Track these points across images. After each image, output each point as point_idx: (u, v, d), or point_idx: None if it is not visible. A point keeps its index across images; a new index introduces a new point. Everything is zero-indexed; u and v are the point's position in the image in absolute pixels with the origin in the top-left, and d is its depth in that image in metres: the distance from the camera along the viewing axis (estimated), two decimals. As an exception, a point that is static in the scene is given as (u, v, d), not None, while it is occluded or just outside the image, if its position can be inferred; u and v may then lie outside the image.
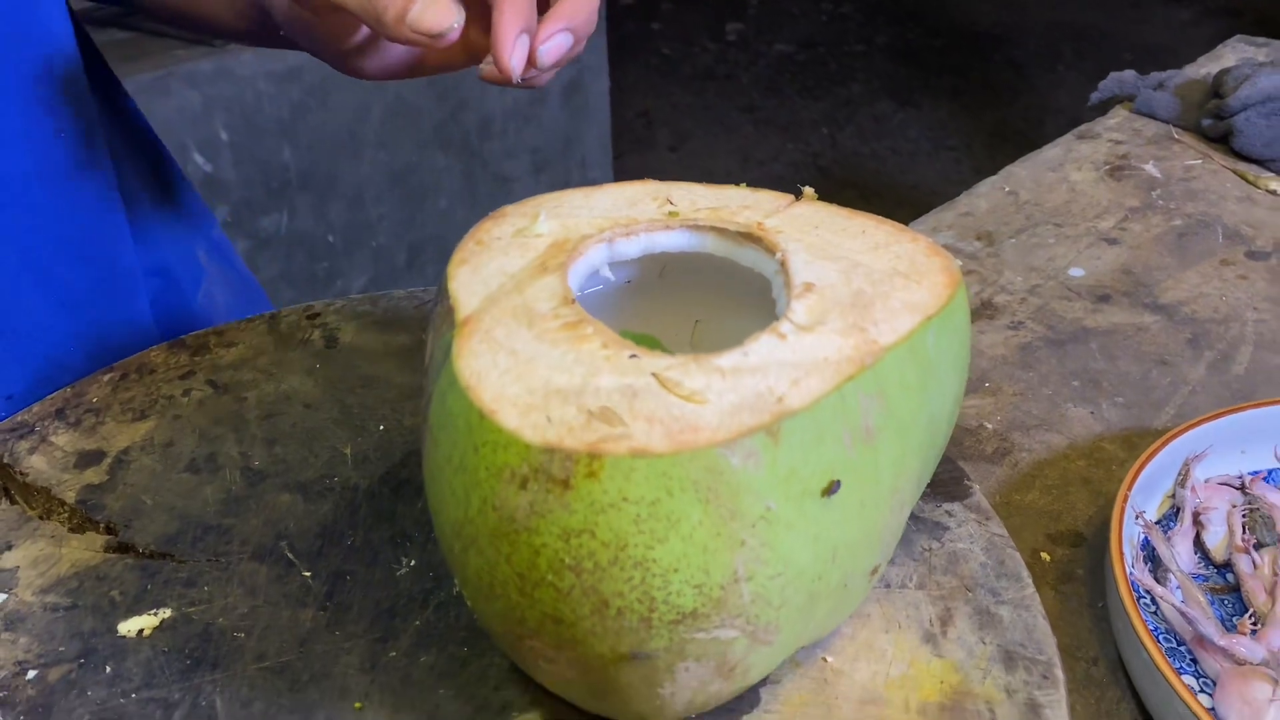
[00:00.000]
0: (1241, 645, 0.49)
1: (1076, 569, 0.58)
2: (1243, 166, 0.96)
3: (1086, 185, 0.94)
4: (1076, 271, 0.82)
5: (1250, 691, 0.46)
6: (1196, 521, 0.58)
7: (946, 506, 0.45)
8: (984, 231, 0.87)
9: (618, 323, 0.44)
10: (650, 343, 0.44)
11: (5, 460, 0.51)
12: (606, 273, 0.41)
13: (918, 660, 0.39)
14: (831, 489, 0.33)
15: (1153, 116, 1.04)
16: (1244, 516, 0.58)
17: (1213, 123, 0.99)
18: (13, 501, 0.49)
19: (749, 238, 0.40)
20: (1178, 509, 0.58)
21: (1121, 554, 0.51)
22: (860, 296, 0.37)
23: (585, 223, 0.41)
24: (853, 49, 3.41)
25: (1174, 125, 1.03)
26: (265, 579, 0.44)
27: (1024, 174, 0.96)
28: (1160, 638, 0.51)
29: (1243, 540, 0.56)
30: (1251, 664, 0.48)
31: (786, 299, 0.37)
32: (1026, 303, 0.79)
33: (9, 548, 0.46)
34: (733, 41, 3.52)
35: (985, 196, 0.92)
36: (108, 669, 0.41)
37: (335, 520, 0.47)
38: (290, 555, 0.45)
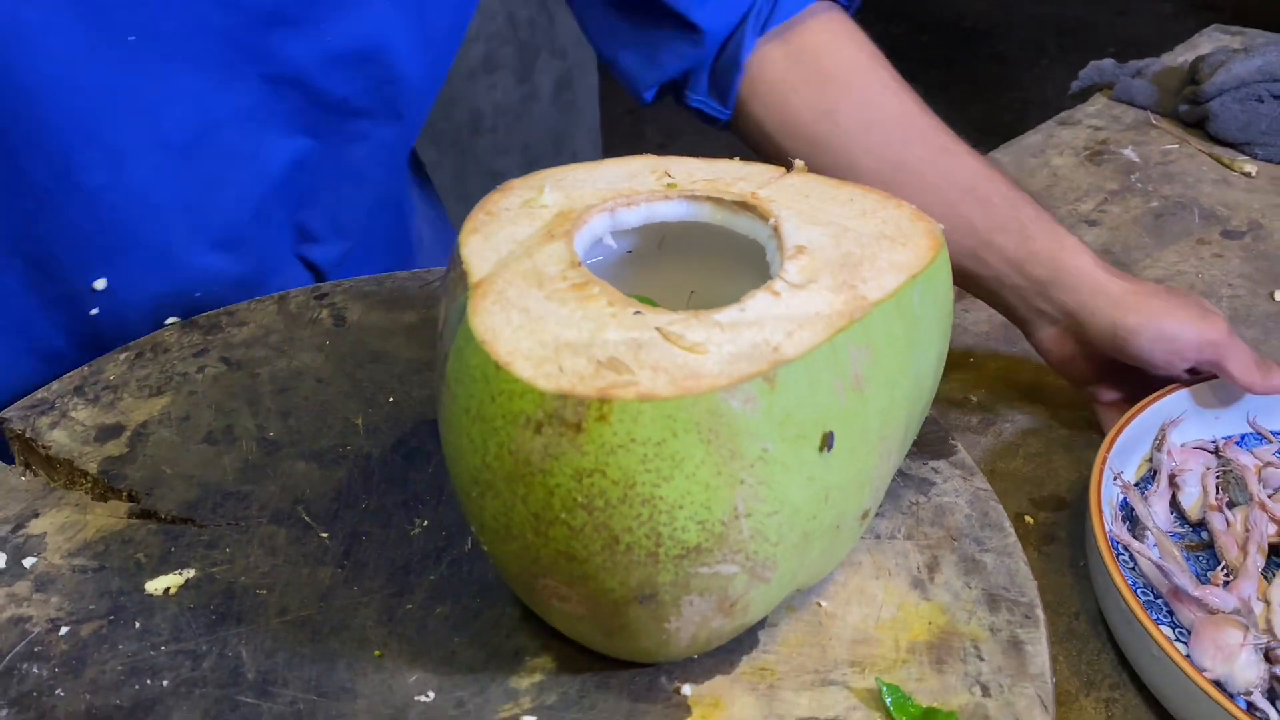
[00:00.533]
0: (1214, 596, 0.51)
1: (1059, 531, 0.61)
2: (1218, 150, 0.98)
3: (1067, 169, 0.96)
4: (1058, 252, 0.85)
5: (1223, 638, 0.49)
6: (1172, 483, 0.60)
7: (933, 464, 0.47)
8: (968, 214, 0.90)
9: (619, 289, 0.45)
10: (650, 305, 0.46)
11: (27, 435, 0.53)
12: (609, 240, 0.43)
13: (906, 604, 0.41)
14: (827, 442, 0.35)
15: (1131, 103, 1.07)
16: (1218, 478, 0.60)
17: (1189, 108, 1.02)
18: (35, 474, 0.51)
19: (744, 206, 0.42)
20: (1155, 472, 0.61)
21: (1101, 513, 0.53)
22: (849, 257, 0.39)
23: (589, 194, 0.43)
24: (839, 45, 3.43)
25: (1152, 111, 1.06)
26: (284, 540, 0.46)
27: (1006, 159, 0.98)
28: (1138, 592, 0.54)
29: (1216, 500, 0.58)
30: (1224, 613, 0.51)
31: (780, 260, 0.39)
32: (1010, 282, 0.82)
33: (35, 515, 0.48)
34: (720, 39, 3.53)
35: (969, 181, 0.95)
36: (137, 624, 0.43)
37: (349, 486, 0.49)
38: (307, 518, 0.47)
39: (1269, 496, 0.58)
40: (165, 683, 0.40)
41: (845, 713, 0.37)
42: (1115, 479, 0.58)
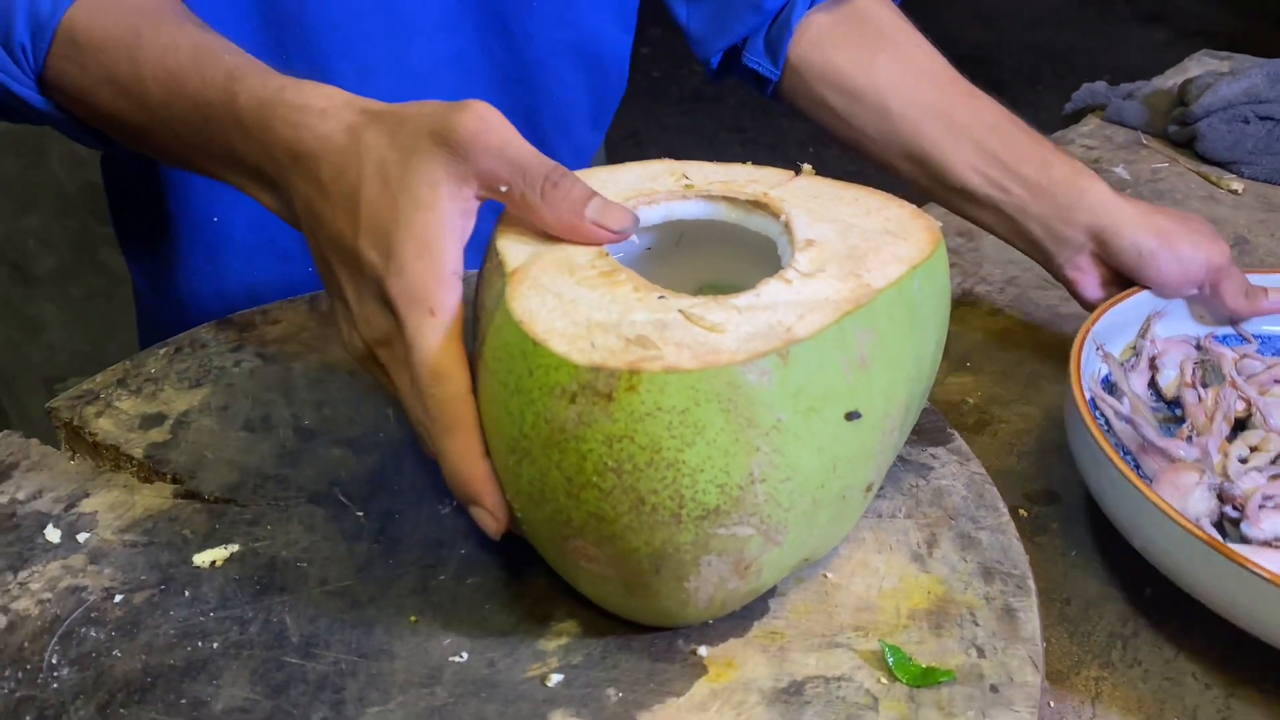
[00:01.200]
0: (1178, 447, 0.55)
1: (1051, 523, 0.64)
2: (1206, 168, 1.02)
3: (1060, 186, 1.00)
4: (1051, 264, 0.88)
5: (1180, 479, 0.53)
6: (1152, 365, 0.65)
7: (931, 450, 0.50)
8: (964, 229, 0.93)
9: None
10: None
11: (75, 423, 0.56)
12: (632, 236, 0.46)
13: (907, 576, 0.44)
14: (852, 416, 0.38)
15: (1122, 124, 1.11)
16: (1195, 364, 0.65)
17: (1178, 129, 1.06)
18: (82, 460, 0.54)
19: (757, 205, 0.46)
20: (1138, 355, 0.65)
21: (1080, 370, 0.57)
22: (855, 250, 0.42)
23: (612, 193, 0.46)
24: (838, 70, 3.49)
25: (1142, 132, 1.09)
26: (322, 519, 0.49)
27: (1002, 176, 1.02)
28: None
29: (1191, 378, 0.62)
30: (1184, 461, 0.54)
31: (791, 253, 0.42)
32: (1005, 292, 0.85)
33: (86, 495, 0.51)
34: (721, 64, 3.59)
35: (966, 197, 0.98)
36: (186, 593, 0.46)
37: (383, 469, 0.52)
38: (344, 499, 0.50)
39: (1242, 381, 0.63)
40: (215, 645, 0.43)
41: (850, 671, 0.40)
42: (1098, 349, 0.62)
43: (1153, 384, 0.65)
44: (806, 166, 0.49)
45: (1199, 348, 0.67)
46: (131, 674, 0.42)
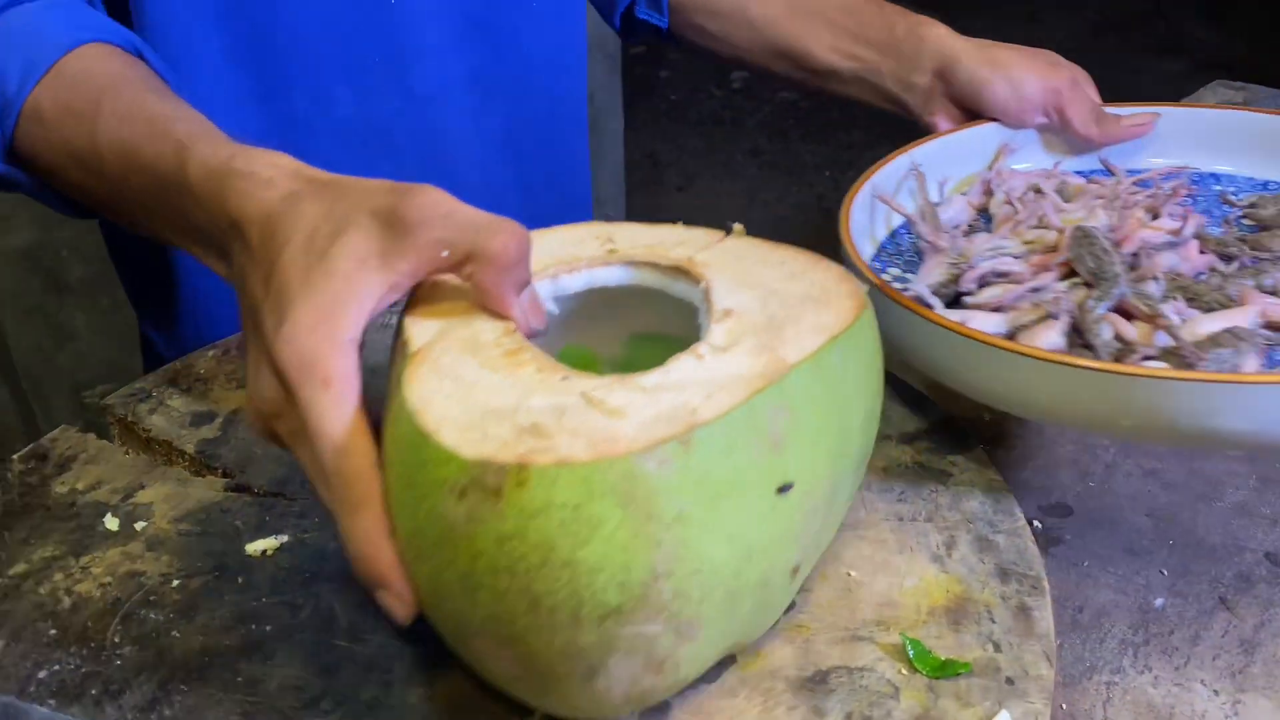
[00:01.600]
0: (944, 238, 0.59)
1: (1065, 534, 0.65)
2: (1219, 196, 1.04)
3: (1076, 211, 1.02)
4: (1066, 286, 0.90)
5: (931, 263, 0.58)
6: (988, 190, 0.67)
7: (951, 458, 0.52)
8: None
9: (561, 337, 0.47)
10: (587, 358, 0.48)
11: (129, 419, 0.58)
12: (551, 306, 0.45)
13: (927, 575, 0.46)
14: (784, 489, 0.37)
15: (1138, 152, 1.13)
16: (1029, 188, 0.67)
17: (1192, 157, 1.08)
18: (136, 455, 0.57)
19: (679, 271, 0.44)
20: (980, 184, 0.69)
21: (855, 195, 0.60)
22: (774, 320, 0.40)
23: (535, 258, 0.42)
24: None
25: (1157, 159, 1.11)
26: (367, 513, 0.51)
27: (1019, 201, 1.04)
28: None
29: (1009, 196, 0.66)
30: (943, 249, 0.59)
31: (708, 324, 0.41)
32: (1021, 312, 0.87)
33: (142, 487, 0.54)
34: (738, 89, 3.63)
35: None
36: (240, 580, 0.48)
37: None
38: (387, 494, 0.52)
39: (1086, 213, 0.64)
40: (269, 628, 0.45)
41: (872, 663, 0.42)
42: (914, 169, 0.64)
43: (985, 210, 0.67)
44: (738, 226, 0.47)
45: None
46: (190, 653, 0.44)
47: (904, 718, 0.40)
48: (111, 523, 0.51)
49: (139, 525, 0.51)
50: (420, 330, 0.40)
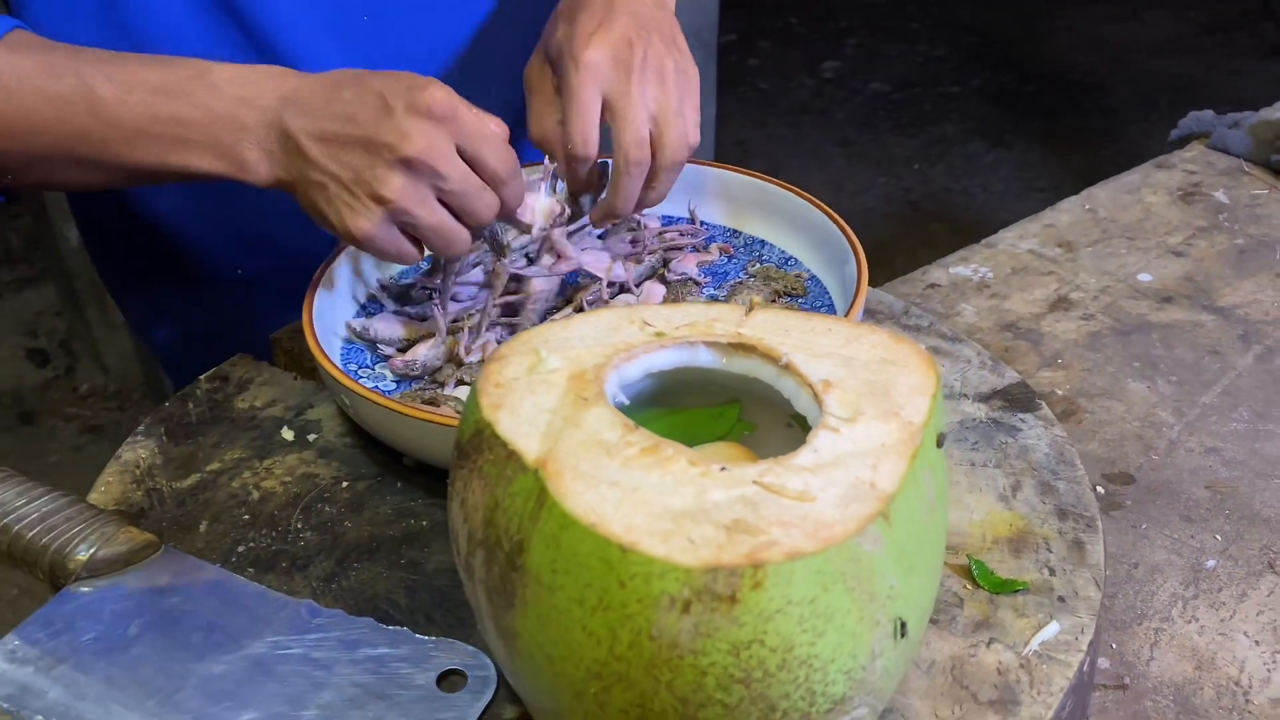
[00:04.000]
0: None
1: (1125, 500, 0.71)
2: (1304, 197, 1.07)
3: (1160, 206, 1.06)
4: (1145, 276, 0.95)
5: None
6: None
7: (1020, 415, 0.59)
8: (1064, 240, 1.00)
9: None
10: (689, 423, 0.46)
11: (295, 351, 0.67)
12: (622, 398, 0.42)
13: (993, 511, 0.52)
14: (901, 631, 0.35)
15: (1226, 151, 1.16)
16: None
17: None
18: (303, 380, 0.66)
19: (741, 348, 0.42)
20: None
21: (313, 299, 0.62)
22: (872, 386, 0.40)
23: (584, 352, 0.42)
24: (947, 90, 3.52)
25: (1245, 159, 1.14)
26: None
27: (1104, 195, 1.08)
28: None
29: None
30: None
31: (809, 396, 0.40)
32: (1098, 299, 0.92)
33: (311, 406, 0.63)
34: (829, 79, 3.65)
35: (1067, 212, 1.05)
36: (399, 485, 0.56)
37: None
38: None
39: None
40: (425, 523, 0.54)
41: (942, 578, 0.49)
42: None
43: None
44: (756, 299, 0.46)
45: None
46: (360, 539, 0.53)
47: (967, 623, 0.46)
48: (288, 434, 0.60)
49: (310, 437, 0.60)
50: (522, 438, 0.37)
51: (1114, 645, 0.60)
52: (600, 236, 0.71)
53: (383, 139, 0.53)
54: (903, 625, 0.35)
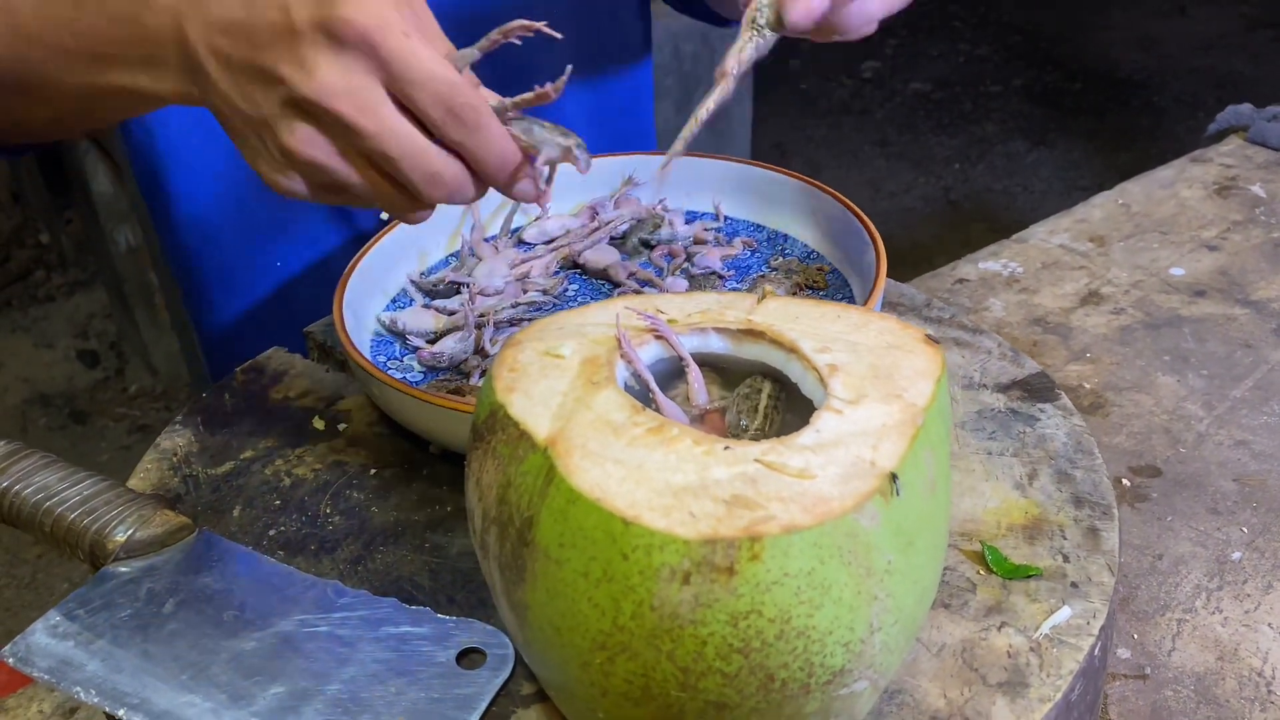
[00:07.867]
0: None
1: (1151, 493, 0.71)
2: (1343, 190, 1.05)
3: (1195, 201, 1.05)
4: (1177, 271, 0.94)
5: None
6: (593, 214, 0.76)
7: (1039, 405, 0.59)
8: (1096, 235, 1.00)
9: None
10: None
11: (328, 344, 0.69)
12: (632, 382, 0.44)
13: (1009, 499, 0.53)
14: (895, 490, 0.36)
15: (1264, 145, 1.15)
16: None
17: (1319, 151, 1.09)
18: (334, 372, 0.68)
19: (750, 334, 0.44)
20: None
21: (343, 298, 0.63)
22: (877, 370, 0.41)
23: (598, 338, 0.43)
24: (989, 89, 3.49)
25: (1283, 153, 1.13)
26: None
27: (1137, 189, 1.07)
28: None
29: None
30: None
31: (814, 380, 0.41)
32: (1129, 294, 0.91)
33: (341, 397, 0.64)
34: (869, 79, 3.64)
35: (1100, 206, 1.05)
36: (424, 472, 0.58)
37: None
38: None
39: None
40: (449, 509, 0.55)
41: (955, 564, 0.49)
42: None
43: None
44: (768, 288, 0.47)
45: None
46: (386, 524, 0.55)
47: (979, 607, 0.47)
48: (319, 423, 0.62)
49: (341, 426, 0.62)
50: (534, 419, 0.39)
51: (1135, 635, 0.60)
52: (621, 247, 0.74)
53: (279, 69, 0.41)
54: (894, 477, 0.36)
